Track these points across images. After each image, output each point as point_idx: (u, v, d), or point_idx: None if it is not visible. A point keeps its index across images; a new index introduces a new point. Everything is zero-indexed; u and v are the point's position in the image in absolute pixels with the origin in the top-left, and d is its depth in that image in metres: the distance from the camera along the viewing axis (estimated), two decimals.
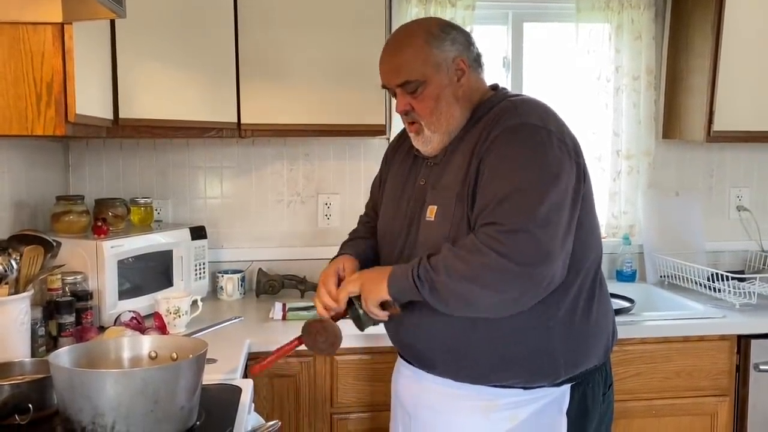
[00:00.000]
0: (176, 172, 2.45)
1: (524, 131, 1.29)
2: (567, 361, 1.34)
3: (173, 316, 1.91)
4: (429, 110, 1.37)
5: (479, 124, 1.37)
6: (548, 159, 1.27)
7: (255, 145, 2.47)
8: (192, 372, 1.24)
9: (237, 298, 2.35)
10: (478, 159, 1.31)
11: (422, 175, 1.45)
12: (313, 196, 2.52)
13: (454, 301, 1.27)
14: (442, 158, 1.41)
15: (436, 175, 1.41)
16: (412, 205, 1.44)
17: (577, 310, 1.35)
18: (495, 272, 1.23)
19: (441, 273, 1.25)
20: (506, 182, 1.26)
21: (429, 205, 1.38)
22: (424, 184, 1.44)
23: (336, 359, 1.93)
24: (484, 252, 1.22)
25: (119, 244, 1.96)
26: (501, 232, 1.22)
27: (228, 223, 2.48)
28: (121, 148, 2.41)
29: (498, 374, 1.34)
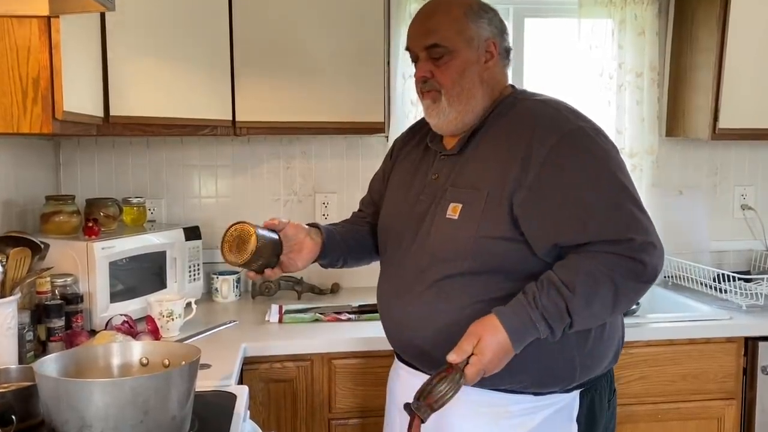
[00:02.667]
0: (170, 171, 2.40)
1: (584, 136, 1.27)
2: (583, 365, 1.29)
3: (166, 319, 1.85)
4: (451, 80, 1.32)
5: (503, 120, 1.32)
6: (618, 162, 1.28)
7: (251, 143, 2.42)
8: (184, 380, 1.18)
9: (232, 299, 2.30)
10: (537, 165, 1.24)
11: (435, 170, 1.40)
12: (310, 195, 2.46)
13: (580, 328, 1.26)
14: (460, 151, 1.36)
15: (457, 171, 1.35)
16: (423, 201, 1.38)
17: None
18: (635, 294, 1.26)
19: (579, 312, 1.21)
20: (598, 192, 1.24)
21: (452, 203, 1.32)
22: (437, 179, 1.38)
23: (334, 363, 1.88)
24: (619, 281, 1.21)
25: (111, 245, 1.90)
26: (630, 249, 1.20)
27: (223, 223, 2.40)
28: (113, 146, 2.36)
29: (511, 378, 1.29)
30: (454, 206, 1.33)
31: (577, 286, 1.19)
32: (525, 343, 1.22)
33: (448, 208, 1.33)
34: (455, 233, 1.30)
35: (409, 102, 2.37)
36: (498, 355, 1.19)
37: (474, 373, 1.19)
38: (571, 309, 1.19)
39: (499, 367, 1.21)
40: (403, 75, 2.37)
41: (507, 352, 1.20)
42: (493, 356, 1.19)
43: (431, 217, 1.36)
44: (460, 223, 1.30)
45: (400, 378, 1.48)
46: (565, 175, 1.24)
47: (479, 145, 1.34)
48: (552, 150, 1.24)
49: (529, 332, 1.20)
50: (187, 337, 1.81)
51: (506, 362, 1.21)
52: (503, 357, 1.20)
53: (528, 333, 1.20)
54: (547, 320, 1.19)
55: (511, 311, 1.21)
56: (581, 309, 1.19)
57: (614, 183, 1.24)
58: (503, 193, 1.27)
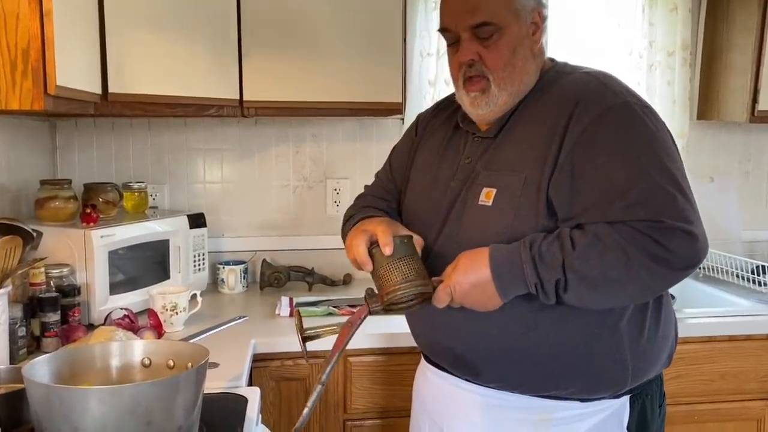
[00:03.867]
0: (173, 155, 2.26)
1: (629, 112, 1.12)
2: (636, 368, 1.17)
3: (170, 313, 1.73)
4: (503, 62, 1.18)
5: (545, 97, 1.19)
6: (665, 143, 1.12)
7: (258, 126, 2.28)
8: (191, 385, 1.06)
9: (239, 291, 2.17)
10: (570, 144, 1.11)
11: (468, 152, 1.26)
12: (321, 181, 2.33)
13: (578, 300, 1.10)
14: (496, 133, 1.23)
15: (491, 154, 1.22)
16: (454, 186, 1.25)
17: (647, 310, 1.18)
18: (651, 278, 1.07)
19: (576, 271, 1.06)
20: (633, 171, 1.08)
21: (485, 188, 1.18)
22: (470, 163, 1.25)
23: (350, 360, 1.75)
24: (633, 255, 1.05)
25: (110, 233, 1.77)
26: (654, 229, 1.04)
27: (229, 209, 2.30)
28: (112, 128, 2.22)
29: (557, 383, 1.16)
30: (487, 191, 1.19)
31: (581, 244, 1.06)
32: (509, 288, 1.10)
33: (480, 194, 1.20)
34: (488, 222, 1.17)
35: (427, 82, 2.23)
36: (474, 284, 1.10)
37: (441, 292, 1.12)
38: (567, 264, 1.05)
39: (474, 300, 1.11)
40: (420, 53, 2.22)
41: (485, 285, 1.10)
42: (467, 283, 1.10)
43: (462, 203, 1.23)
44: (494, 210, 1.17)
45: (428, 381, 1.35)
46: (598, 151, 1.10)
47: (518, 125, 1.21)
48: (590, 125, 1.11)
49: (515, 273, 1.09)
50: (195, 335, 1.68)
51: (485, 300, 1.11)
52: (480, 289, 1.10)
53: (513, 274, 1.09)
54: (536, 266, 1.06)
55: (505, 248, 1.11)
56: (579, 268, 1.05)
57: (654, 163, 1.08)
58: (542, 177, 1.13)
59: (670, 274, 1.06)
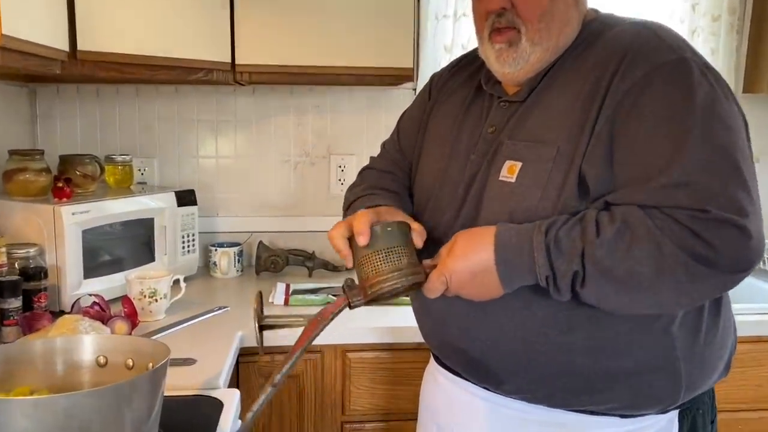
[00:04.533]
0: (163, 126, 2.07)
1: (687, 71, 0.90)
2: (690, 380, 0.97)
3: (149, 300, 1.54)
4: (539, 10, 0.97)
5: (587, 53, 0.98)
6: (728, 113, 0.90)
7: (256, 95, 2.08)
8: (144, 394, 0.87)
9: (233, 275, 1.99)
10: (612, 105, 0.91)
11: (492, 120, 1.06)
12: (324, 157, 2.13)
13: (599, 300, 0.90)
14: (526, 96, 1.02)
15: (518, 121, 1.02)
16: (474, 160, 1.05)
17: (703, 311, 0.97)
18: (693, 282, 0.85)
19: (597, 263, 0.86)
20: (681, 144, 0.87)
21: (508, 161, 0.99)
22: (494, 132, 1.04)
23: (349, 356, 1.56)
24: (668, 250, 0.84)
25: (84, 209, 1.59)
26: (696, 220, 0.84)
27: (224, 187, 2.11)
28: (97, 95, 2.03)
29: (593, 396, 0.97)
30: (510, 165, 0.99)
31: (607, 230, 0.86)
32: (514, 277, 0.91)
33: (503, 168, 0.99)
34: (509, 202, 0.97)
35: (442, 47, 2.01)
36: (473, 272, 0.92)
37: (434, 278, 0.94)
38: (587, 253, 0.86)
39: (471, 290, 0.93)
40: (435, 15, 2.00)
41: (486, 272, 0.91)
42: (466, 271, 0.92)
43: (482, 180, 1.02)
44: (517, 188, 0.97)
45: (439, 386, 1.15)
46: (643, 116, 0.89)
47: (553, 87, 1.00)
48: (637, 84, 0.90)
49: (523, 262, 0.90)
50: (172, 325, 1.50)
51: (484, 289, 0.93)
52: (480, 277, 0.92)
53: (521, 262, 0.90)
54: (550, 255, 0.88)
55: (516, 228, 0.92)
56: (600, 259, 0.85)
57: (709, 137, 0.87)
58: (577, 149, 0.93)
59: (715, 277, 0.85)
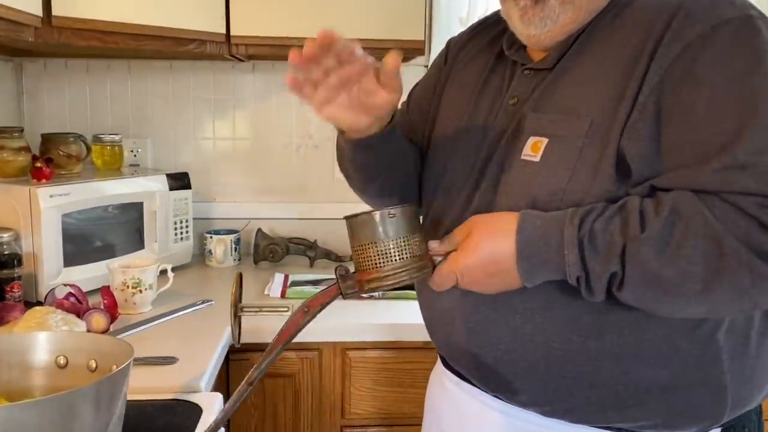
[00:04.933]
0: (157, 105, 1.94)
1: (751, 30, 0.75)
2: (737, 395, 0.83)
3: (132, 291, 1.42)
4: None
5: (628, 11, 0.84)
6: None
7: (256, 72, 1.94)
8: (98, 403, 0.75)
9: (229, 265, 1.86)
10: (660, 71, 0.77)
11: (514, 90, 0.92)
12: (329, 139, 1.98)
13: (639, 302, 0.76)
14: (554, 62, 0.88)
15: (545, 91, 0.88)
16: (492, 136, 0.91)
17: (753, 320, 0.82)
18: (759, 286, 0.70)
19: (640, 264, 0.72)
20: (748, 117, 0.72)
21: (532, 137, 0.85)
22: (516, 104, 0.90)
23: (349, 355, 1.43)
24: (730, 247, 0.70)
25: (63, 192, 1.46)
26: (766, 209, 0.69)
27: (221, 170, 1.98)
28: (87, 71, 1.91)
29: (624, 412, 0.83)
30: (534, 141, 0.85)
31: (654, 222, 0.72)
32: (537, 274, 0.78)
33: (525, 145, 0.86)
34: (533, 184, 0.83)
35: (457, 20, 1.87)
36: (488, 265, 0.79)
37: (444, 274, 0.81)
38: (629, 252, 0.72)
39: (485, 285, 0.81)
40: None
41: (504, 269, 0.79)
42: (481, 265, 0.79)
43: (501, 159, 0.89)
44: (542, 168, 0.83)
45: (446, 393, 1.02)
46: (700, 83, 0.75)
47: (585, 52, 0.86)
48: (691, 45, 0.76)
49: (550, 259, 0.77)
50: (152, 319, 1.37)
51: (501, 285, 0.80)
52: (496, 273, 0.79)
53: (547, 259, 0.77)
54: (584, 253, 0.74)
55: (542, 218, 0.79)
56: (645, 258, 0.71)
57: None
58: (614, 122, 0.79)
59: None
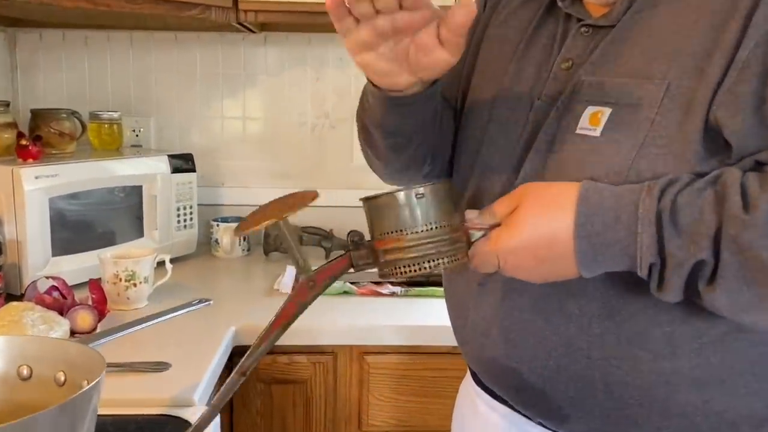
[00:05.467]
0: (161, 80, 1.79)
1: None
2: None
3: (126, 284, 1.27)
4: None
5: None
6: None
7: (268, 44, 1.78)
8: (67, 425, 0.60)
9: (238, 255, 1.70)
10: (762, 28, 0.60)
11: (568, 50, 0.75)
12: (347, 119, 1.82)
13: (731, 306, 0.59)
14: (620, 16, 0.72)
15: (607, 51, 0.71)
16: (540, 105, 0.75)
17: None
18: None
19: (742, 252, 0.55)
20: None
21: (591, 107, 0.69)
22: (570, 68, 0.74)
23: (367, 360, 1.27)
24: None
25: (51, 172, 1.31)
26: None
27: (230, 152, 1.82)
28: (86, 43, 1.75)
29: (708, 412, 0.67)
30: (594, 112, 0.69)
31: (762, 202, 0.56)
32: (598, 259, 0.61)
33: (582, 115, 0.69)
34: (592, 163, 0.67)
35: None
36: (538, 248, 0.62)
37: (483, 257, 0.65)
38: (725, 235, 0.56)
39: (533, 272, 0.65)
40: None
41: (558, 253, 0.62)
42: (528, 245, 0.63)
43: (550, 132, 0.72)
44: (605, 142, 0.67)
45: (478, 414, 0.85)
46: None
47: (659, 3, 0.69)
48: None
49: (618, 236, 0.60)
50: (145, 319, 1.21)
51: (552, 273, 0.64)
52: (547, 258, 0.63)
53: (614, 237, 0.60)
54: (662, 231, 0.58)
55: (611, 189, 0.62)
56: (749, 246, 0.55)
57: None
58: (701, 85, 0.62)
59: None
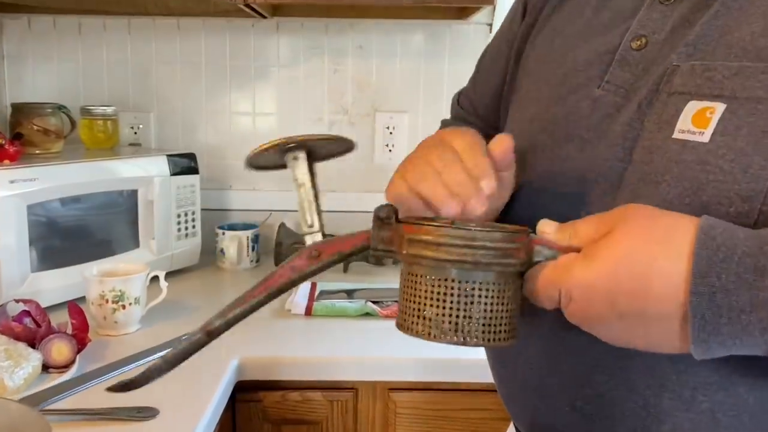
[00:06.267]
0: (163, 72, 1.61)
1: None
2: None
3: (113, 306, 1.09)
4: None
5: None
6: None
7: (281, 32, 1.60)
8: None
9: (246, 267, 1.52)
10: None
11: (642, 23, 0.59)
12: (368, 115, 1.63)
13: None
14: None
15: (706, 26, 0.54)
16: (603, 95, 0.58)
17: None
18: None
19: None
20: None
21: (692, 102, 0.51)
22: (647, 46, 0.58)
23: (393, 398, 1.08)
24: None
25: (29, 176, 1.14)
26: None
27: (238, 151, 1.64)
28: (79, 31, 1.58)
29: None
30: (700, 109, 0.51)
31: None
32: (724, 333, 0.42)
33: (681, 114, 0.52)
34: (702, 179, 0.49)
35: None
36: (624, 294, 0.44)
37: (544, 282, 0.48)
38: None
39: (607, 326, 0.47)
40: None
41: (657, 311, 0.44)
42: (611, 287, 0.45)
43: (627, 135, 0.55)
44: (717, 150, 0.49)
45: None
46: None
47: None
48: None
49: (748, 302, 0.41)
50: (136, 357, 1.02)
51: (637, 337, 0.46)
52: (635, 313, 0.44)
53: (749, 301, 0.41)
54: None
55: (745, 232, 0.44)
56: None
57: None
58: None
59: None
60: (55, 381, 0.90)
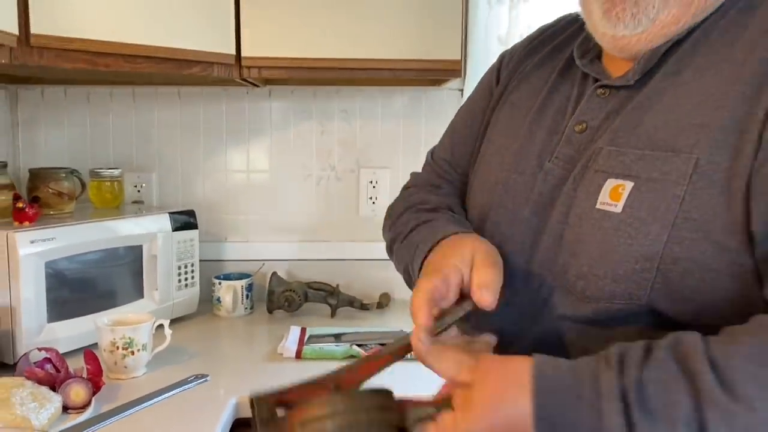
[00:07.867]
0: (164, 135, 1.76)
1: None
2: None
3: (123, 352, 1.21)
4: None
5: (748, 15, 0.65)
6: None
7: (273, 98, 1.75)
8: None
9: (240, 314, 1.65)
10: None
11: (582, 113, 0.73)
12: (353, 171, 1.78)
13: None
14: (641, 76, 0.69)
15: (628, 117, 0.68)
16: (553, 171, 0.72)
17: None
18: None
19: None
20: None
21: (611, 180, 0.65)
22: (584, 131, 0.71)
23: None
24: None
25: (47, 236, 1.27)
26: None
27: (233, 206, 1.78)
28: (88, 100, 1.73)
29: None
30: (615, 185, 0.65)
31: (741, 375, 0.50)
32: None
33: (602, 189, 0.66)
34: (615, 243, 0.63)
35: (496, 39, 1.65)
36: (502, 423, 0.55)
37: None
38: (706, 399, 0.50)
39: None
40: (488, 0, 1.65)
41: None
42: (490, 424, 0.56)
43: (565, 203, 0.69)
44: (627, 220, 0.63)
45: None
46: None
47: (687, 66, 0.66)
48: None
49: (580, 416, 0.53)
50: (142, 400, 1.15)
51: None
52: None
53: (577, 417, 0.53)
54: (630, 414, 0.51)
55: (565, 363, 0.57)
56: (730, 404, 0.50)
57: None
58: (738, 160, 0.58)
59: None
60: (74, 421, 1.02)
